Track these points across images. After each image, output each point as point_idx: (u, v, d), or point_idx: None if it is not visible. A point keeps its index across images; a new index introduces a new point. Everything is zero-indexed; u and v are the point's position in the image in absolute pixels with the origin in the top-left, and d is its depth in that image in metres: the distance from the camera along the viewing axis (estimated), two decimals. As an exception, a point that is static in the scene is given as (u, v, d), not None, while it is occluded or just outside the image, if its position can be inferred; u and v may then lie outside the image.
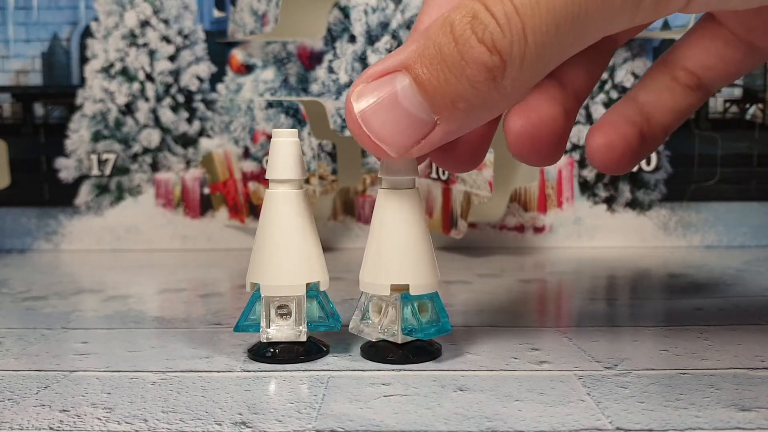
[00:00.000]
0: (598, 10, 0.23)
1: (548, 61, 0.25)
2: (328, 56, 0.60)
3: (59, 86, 0.61)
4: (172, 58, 0.60)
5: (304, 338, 0.30)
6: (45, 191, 0.62)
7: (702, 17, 0.32)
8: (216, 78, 0.61)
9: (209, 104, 0.61)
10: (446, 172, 0.60)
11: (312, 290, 0.30)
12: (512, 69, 0.24)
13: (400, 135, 0.26)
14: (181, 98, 0.60)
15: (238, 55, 0.60)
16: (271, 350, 0.30)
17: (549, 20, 0.23)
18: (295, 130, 0.30)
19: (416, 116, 0.26)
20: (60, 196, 0.61)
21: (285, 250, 0.30)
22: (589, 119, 0.60)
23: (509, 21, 0.24)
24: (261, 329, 0.30)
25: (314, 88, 0.60)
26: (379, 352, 0.30)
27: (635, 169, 0.61)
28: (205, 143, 0.61)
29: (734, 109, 0.61)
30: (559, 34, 0.24)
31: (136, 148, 0.61)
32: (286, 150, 0.30)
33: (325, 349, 0.31)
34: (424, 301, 0.30)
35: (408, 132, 0.26)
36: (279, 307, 0.30)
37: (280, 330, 0.30)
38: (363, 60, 0.60)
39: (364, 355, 0.31)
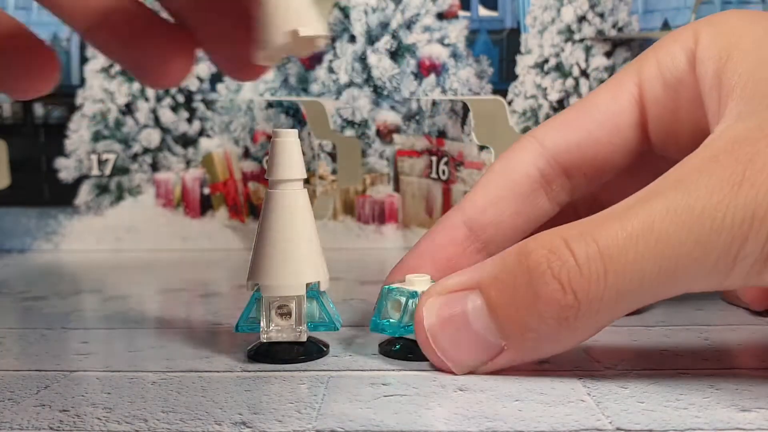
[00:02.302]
0: (688, 268, 0.23)
1: (626, 307, 0.24)
2: (328, 56, 0.60)
3: (59, 86, 0.61)
4: (172, 58, 0.60)
5: (304, 338, 0.30)
6: (45, 191, 0.61)
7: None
8: (216, 78, 0.61)
9: (209, 104, 0.61)
10: (446, 172, 0.60)
11: (312, 290, 0.30)
12: (586, 311, 0.24)
13: (466, 354, 0.26)
14: (181, 98, 0.60)
15: (238, 55, 0.60)
16: (271, 350, 0.30)
17: (635, 270, 0.23)
18: (295, 130, 0.30)
19: (484, 338, 0.26)
20: (60, 196, 0.61)
21: (285, 250, 0.30)
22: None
23: (590, 263, 0.23)
24: (261, 329, 0.30)
25: (314, 88, 0.60)
26: (401, 350, 0.30)
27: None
28: (205, 143, 0.61)
29: (734, 109, 0.61)
30: (643, 286, 0.23)
31: (136, 148, 0.61)
32: (286, 150, 0.30)
33: (325, 349, 0.31)
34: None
35: (474, 352, 0.26)
36: (279, 307, 0.30)
37: (280, 330, 0.30)
38: (363, 60, 0.60)
39: (382, 352, 0.31)
